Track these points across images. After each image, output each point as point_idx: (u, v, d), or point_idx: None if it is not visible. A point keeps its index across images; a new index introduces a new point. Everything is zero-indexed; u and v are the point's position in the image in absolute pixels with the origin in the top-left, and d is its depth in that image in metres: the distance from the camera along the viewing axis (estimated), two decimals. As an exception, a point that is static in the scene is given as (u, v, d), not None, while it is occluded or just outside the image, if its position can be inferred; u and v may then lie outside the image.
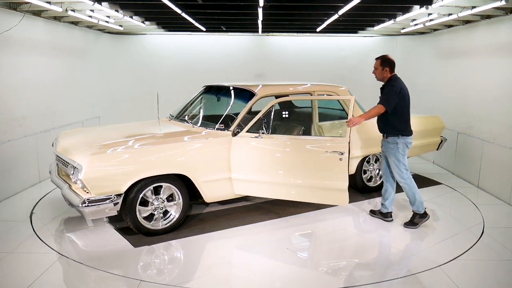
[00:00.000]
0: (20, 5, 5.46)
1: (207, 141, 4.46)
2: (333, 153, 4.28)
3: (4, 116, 5.47)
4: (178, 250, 4.08)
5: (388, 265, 3.84)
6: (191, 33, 8.80)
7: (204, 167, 4.38)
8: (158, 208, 4.29)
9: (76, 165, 3.91)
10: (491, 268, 3.82)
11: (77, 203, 3.83)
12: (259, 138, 4.47)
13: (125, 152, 4.08)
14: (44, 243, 4.14)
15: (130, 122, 5.86)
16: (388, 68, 4.56)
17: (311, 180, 4.38)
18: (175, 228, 4.38)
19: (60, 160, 4.39)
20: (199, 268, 3.75)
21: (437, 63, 7.88)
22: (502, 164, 5.67)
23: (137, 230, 4.20)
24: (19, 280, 3.45)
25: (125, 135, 4.66)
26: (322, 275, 3.65)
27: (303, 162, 4.42)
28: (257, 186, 4.53)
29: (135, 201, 4.08)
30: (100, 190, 3.88)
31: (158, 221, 4.30)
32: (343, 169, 4.28)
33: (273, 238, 4.39)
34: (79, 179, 3.84)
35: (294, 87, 5.39)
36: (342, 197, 4.37)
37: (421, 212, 4.60)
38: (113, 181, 3.93)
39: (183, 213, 4.39)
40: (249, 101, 4.80)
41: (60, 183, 4.35)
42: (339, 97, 5.32)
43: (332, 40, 8.97)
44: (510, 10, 5.46)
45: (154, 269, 3.71)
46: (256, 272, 3.68)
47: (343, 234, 4.57)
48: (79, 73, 7.71)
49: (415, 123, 5.96)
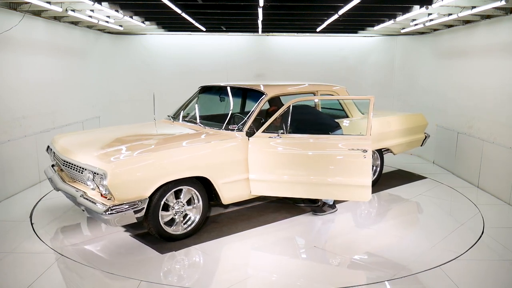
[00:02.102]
0: (20, 5, 5.46)
1: (224, 142, 4.42)
2: (356, 151, 4.32)
3: (4, 116, 5.47)
4: (206, 254, 3.99)
5: (388, 265, 3.84)
6: (191, 33, 8.80)
7: (223, 169, 4.33)
8: (179, 212, 4.21)
9: (97, 170, 3.70)
10: (491, 268, 3.82)
11: (100, 211, 3.63)
12: (277, 138, 4.47)
13: (149, 156, 3.93)
14: (44, 243, 4.14)
15: (131, 123, 5.80)
16: None
17: (335, 178, 4.40)
18: (195, 232, 4.33)
19: (70, 166, 4.14)
20: (233, 271, 3.71)
21: (437, 63, 7.88)
22: (502, 164, 5.67)
23: (159, 236, 4.07)
24: (19, 280, 3.45)
25: (136, 137, 4.59)
26: (325, 274, 3.66)
27: (327, 160, 4.42)
28: (278, 186, 4.52)
29: (158, 206, 3.96)
30: (125, 196, 3.71)
31: (179, 225, 4.22)
32: (367, 166, 4.33)
33: (294, 236, 4.43)
34: (104, 185, 3.64)
35: (293, 87, 5.39)
36: (366, 193, 4.41)
37: (330, 203, 5.05)
38: (137, 186, 3.77)
39: (203, 216, 4.34)
40: (259, 101, 4.78)
41: (72, 190, 4.06)
42: (358, 97, 5.35)
43: (332, 40, 8.97)
44: (510, 10, 5.46)
45: (188, 275, 3.64)
46: (286, 272, 3.69)
47: (342, 233, 4.58)
48: (79, 73, 7.71)
49: (401, 121, 6.10)
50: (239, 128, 4.61)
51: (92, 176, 3.79)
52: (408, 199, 5.70)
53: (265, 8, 5.51)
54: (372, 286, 3.44)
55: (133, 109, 9.03)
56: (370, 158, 4.32)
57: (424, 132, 6.68)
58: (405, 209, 5.35)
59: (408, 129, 6.23)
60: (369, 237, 4.49)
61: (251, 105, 4.95)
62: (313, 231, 4.65)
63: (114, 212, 3.64)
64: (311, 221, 4.85)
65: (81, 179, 4.03)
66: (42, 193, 5.70)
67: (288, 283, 3.51)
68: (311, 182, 4.44)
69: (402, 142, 6.01)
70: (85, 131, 5.44)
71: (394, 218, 5.04)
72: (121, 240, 4.23)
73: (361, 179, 4.34)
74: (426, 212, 5.28)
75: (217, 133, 4.64)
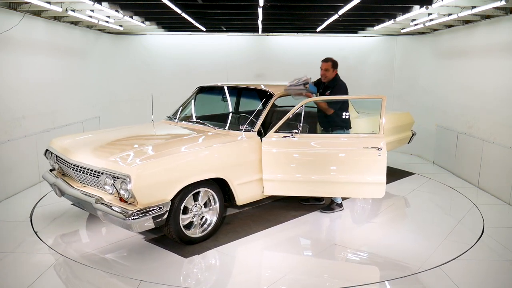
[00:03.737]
0: (20, 5, 5.46)
1: (238, 142, 4.41)
2: (371, 149, 4.37)
3: (4, 116, 5.47)
4: (230, 256, 3.97)
5: (388, 265, 3.84)
6: (191, 33, 8.80)
7: (238, 170, 4.32)
8: (197, 215, 4.15)
9: (119, 174, 3.55)
10: (491, 268, 3.82)
11: (123, 216, 3.49)
12: (291, 137, 4.48)
13: (172, 158, 3.83)
14: (44, 243, 4.14)
15: (133, 124, 5.67)
16: (336, 69, 5.01)
17: (350, 176, 4.45)
18: (212, 234, 4.29)
19: (83, 171, 3.98)
20: (268, 269, 3.74)
21: (437, 63, 7.88)
22: (502, 164, 5.67)
23: (180, 240, 3.99)
24: (19, 280, 3.45)
25: (148, 139, 4.54)
26: (346, 271, 3.66)
27: (343, 159, 4.47)
28: (293, 185, 4.54)
29: (179, 209, 3.88)
30: (148, 200, 3.59)
31: (197, 228, 4.16)
32: (382, 163, 4.39)
33: (312, 235, 4.49)
34: (127, 190, 3.51)
35: None
36: (381, 190, 4.48)
37: (339, 202, 5.13)
38: (161, 189, 3.68)
39: (219, 218, 4.32)
40: (268, 101, 4.79)
41: (84, 196, 3.86)
42: (370, 97, 5.39)
43: (332, 40, 8.97)
44: (510, 10, 5.46)
45: (218, 279, 3.61)
46: (309, 271, 3.72)
47: (343, 233, 4.58)
48: (79, 73, 7.71)
49: (389, 120, 6.14)
50: (248, 129, 4.60)
51: (112, 181, 3.64)
52: (408, 199, 5.70)
53: (265, 8, 5.51)
54: (372, 286, 3.44)
55: (133, 109, 9.04)
56: (385, 155, 4.39)
57: (411, 130, 6.87)
58: (405, 208, 5.35)
59: (396, 128, 6.37)
60: (369, 237, 4.49)
61: (256, 105, 4.96)
62: (324, 228, 4.72)
63: (139, 217, 3.51)
64: (319, 219, 4.92)
65: (96, 184, 3.90)
66: (42, 193, 5.70)
67: (311, 283, 3.52)
68: (327, 180, 4.50)
69: (391, 141, 6.06)
70: (86, 133, 5.19)
71: (394, 218, 5.04)
72: (122, 240, 4.23)
73: (377, 177, 4.42)
74: (426, 212, 5.28)
75: (228, 134, 4.60)
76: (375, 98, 5.04)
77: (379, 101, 4.54)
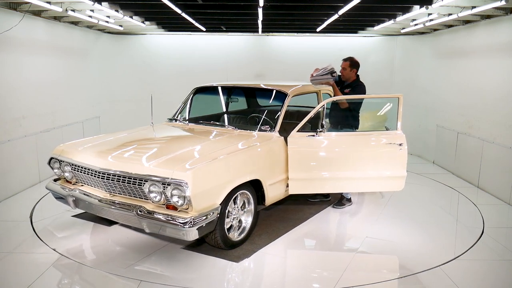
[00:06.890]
0: (20, 5, 5.46)
1: (266, 143, 4.41)
2: (393, 145, 4.51)
3: (4, 116, 5.47)
4: (278, 256, 3.99)
5: (388, 265, 3.84)
6: (191, 33, 8.80)
7: (270, 170, 4.34)
8: (236, 218, 4.06)
9: (172, 180, 3.36)
10: (491, 268, 3.82)
11: (178, 226, 3.33)
12: (316, 136, 4.51)
13: (221, 162, 3.74)
14: (44, 243, 4.14)
15: (135, 126, 5.32)
16: (356, 69, 5.17)
17: (375, 171, 4.57)
18: (249, 236, 4.23)
19: (118, 179, 3.66)
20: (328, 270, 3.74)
21: (437, 63, 7.88)
22: (502, 164, 5.67)
23: (224, 245, 3.88)
24: (19, 280, 3.45)
25: (180, 142, 4.46)
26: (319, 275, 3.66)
27: (368, 155, 4.57)
28: (318, 183, 4.59)
29: (224, 214, 3.77)
30: (201, 205, 3.45)
31: (235, 231, 4.08)
32: (403, 158, 4.54)
33: (343, 231, 4.62)
34: (184, 196, 3.34)
35: (304, 88, 5.41)
36: (401, 183, 4.63)
37: (348, 197, 5.35)
38: (212, 194, 3.58)
39: (254, 219, 4.28)
40: (285, 101, 4.78)
41: (120, 209, 3.61)
42: (386, 96, 5.44)
43: (332, 40, 8.96)
44: (510, 10, 5.46)
45: (280, 281, 3.58)
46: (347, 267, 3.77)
47: (343, 233, 4.58)
48: (79, 73, 7.71)
49: (373, 118, 6.14)
50: (269, 129, 4.57)
51: (161, 188, 3.46)
52: (408, 199, 5.70)
53: (265, 8, 5.51)
54: (372, 286, 3.44)
55: (133, 109, 9.03)
56: (406, 150, 4.52)
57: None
58: (405, 209, 5.34)
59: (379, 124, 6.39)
60: (369, 237, 4.49)
61: (273, 105, 4.98)
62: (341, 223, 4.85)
63: (196, 224, 3.36)
64: (334, 214, 5.10)
65: (134, 192, 3.66)
66: (42, 193, 5.70)
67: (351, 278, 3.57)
68: (353, 176, 4.58)
69: None
70: (97, 137, 4.65)
71: (394, 218, 5.03)
72: (122, 241, 4.23)
73: (399, 170, 4.57)
74: (426, 212, 5.28)
75: (251, 135, 4.54)
76: (392, 97, 5.09)
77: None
